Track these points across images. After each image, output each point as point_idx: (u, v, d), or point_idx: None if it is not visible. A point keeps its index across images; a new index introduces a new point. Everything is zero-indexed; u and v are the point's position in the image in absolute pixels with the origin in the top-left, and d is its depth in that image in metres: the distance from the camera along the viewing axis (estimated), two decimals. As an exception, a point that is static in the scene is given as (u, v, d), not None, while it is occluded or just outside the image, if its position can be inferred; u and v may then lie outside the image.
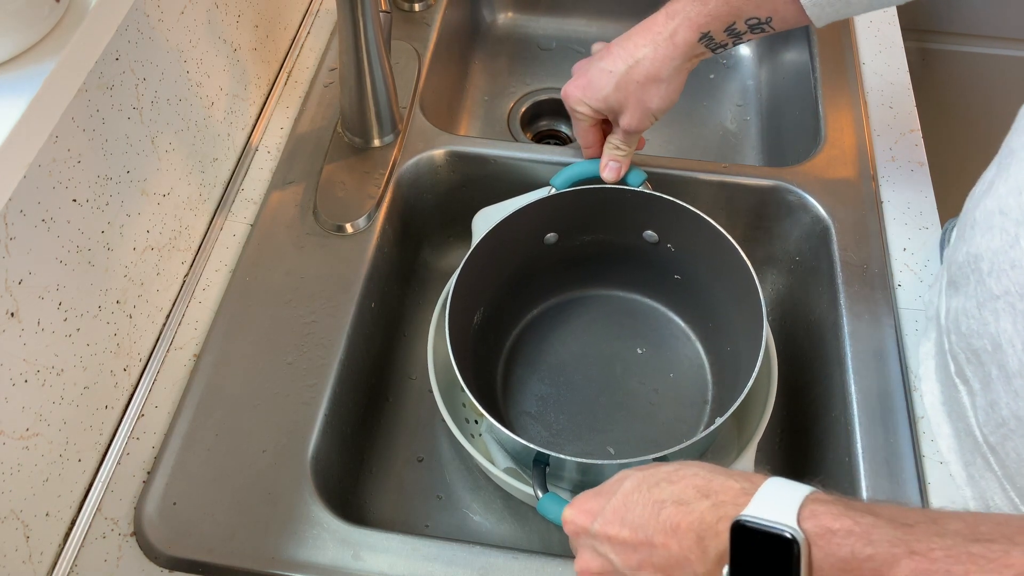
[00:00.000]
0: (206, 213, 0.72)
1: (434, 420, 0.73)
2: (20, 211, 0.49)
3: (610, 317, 0.76)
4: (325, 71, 0.85)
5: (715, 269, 0.67)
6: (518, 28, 1.07)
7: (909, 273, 0.71)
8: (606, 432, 0.69)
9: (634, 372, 0.72)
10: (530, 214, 0.67)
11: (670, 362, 0.73)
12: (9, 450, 0.51)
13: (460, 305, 0.62)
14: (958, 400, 0.57)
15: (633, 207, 0.68)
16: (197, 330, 0.67)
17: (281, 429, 0.61)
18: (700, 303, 0.72)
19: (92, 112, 0.55)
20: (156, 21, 0.61)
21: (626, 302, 0.77)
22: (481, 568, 0.55)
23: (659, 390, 0.71)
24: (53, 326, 0.53)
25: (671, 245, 0.70)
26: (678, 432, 0.69)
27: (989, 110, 1.23)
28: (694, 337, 0.74)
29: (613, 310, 0.76)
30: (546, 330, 0.75)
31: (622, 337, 0.75)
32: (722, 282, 0.66)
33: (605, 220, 0.70)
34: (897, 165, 0.78)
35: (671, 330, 0.75)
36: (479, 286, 0.66)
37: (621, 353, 0.74)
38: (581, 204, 0.68)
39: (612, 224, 0.70)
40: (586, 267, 0.75)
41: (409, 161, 0.77)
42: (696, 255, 0.68)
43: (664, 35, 0.62)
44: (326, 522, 0.57)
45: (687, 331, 0.75)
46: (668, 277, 0.73)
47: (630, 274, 0.75)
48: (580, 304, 0.77)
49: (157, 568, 0.56)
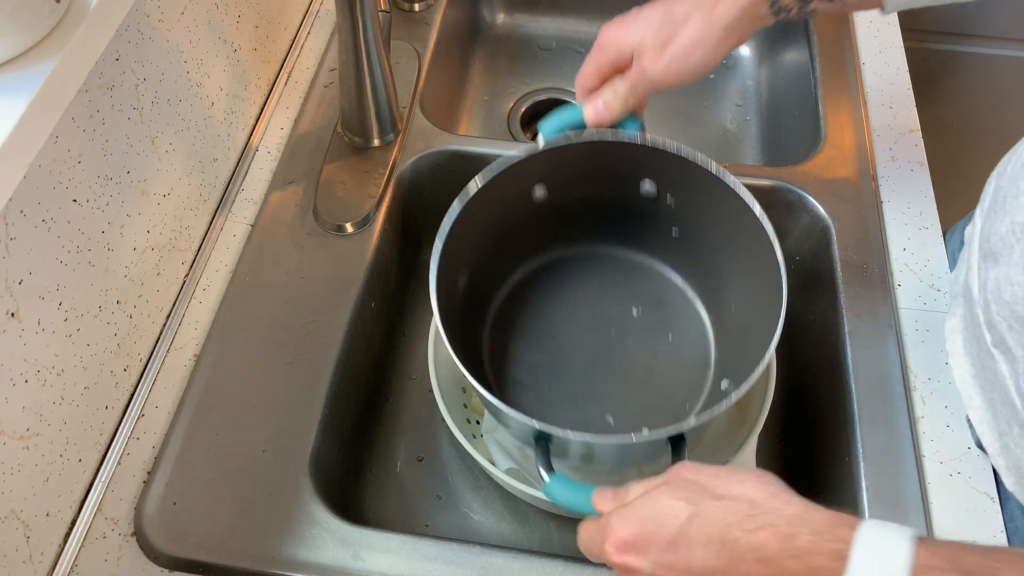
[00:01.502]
0: (206, 213, 0.72)
1: (434, 420, 0.73)
2: (20, 211, 0.49)
3: (603, 277, 0.71)
4: (325, 71, 0.85)
5: (720, 222, 0.62)
6: (518, 28, 1.07)
7: (909, 273, 0.71)
8: (603, 400, 0.65)
9: (630, 335, 0.68)
10: (518, 168, 0.61)
11: (668, 323, 0.68)
12: (9, 450, 0.51)
13: (444, 268, 0.57)
14: (994, 370, 0.57)
15: (629, 158, 0.63)
16: (197, 330, 0.67)
17: (281, 429, 0.61)
18: (701, 260, 0.67)
19: (92, 112, 0.55)
20: (156, 22, 0.61)
21: (620, 261, 0.72)
22: (481, 568, 0.55)
23: (657, 353, 0.67)
24: (53, 326, 0.53)
25: (671, 199, 0.65)
26: (679, 398, 0.65)
27: (989, 110, 1.23)
28: (694, 296, 0.69)
29: (606, 269, 0.71)
30: (536, 293, 0.71)
31: (616, 298, 0.70)
32: (727, 236, 0.62)
33: (599, 173, 0.64)
34: (897, 165, 0.78)
35: (669, 289, 0.70)
36: (464, 248, 0.61)
37: (616, 315, 0.69)
38: (572, 155, 0.62)
39: (606, 177, 0.65)
40: (578, 224, 0.70)
41: (409, 161, 0.77)
42: (698, 208, 0.63)
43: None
44: (326, 522, 0.57)
45: (686, 290, 0.70)
46: (666, 233, 0.68)
47: (625, 231, 0.70)
48: (571, 264, 0.72)
49: (157, 568, 0.56)
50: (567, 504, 0.50)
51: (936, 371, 0.65)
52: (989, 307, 0.58)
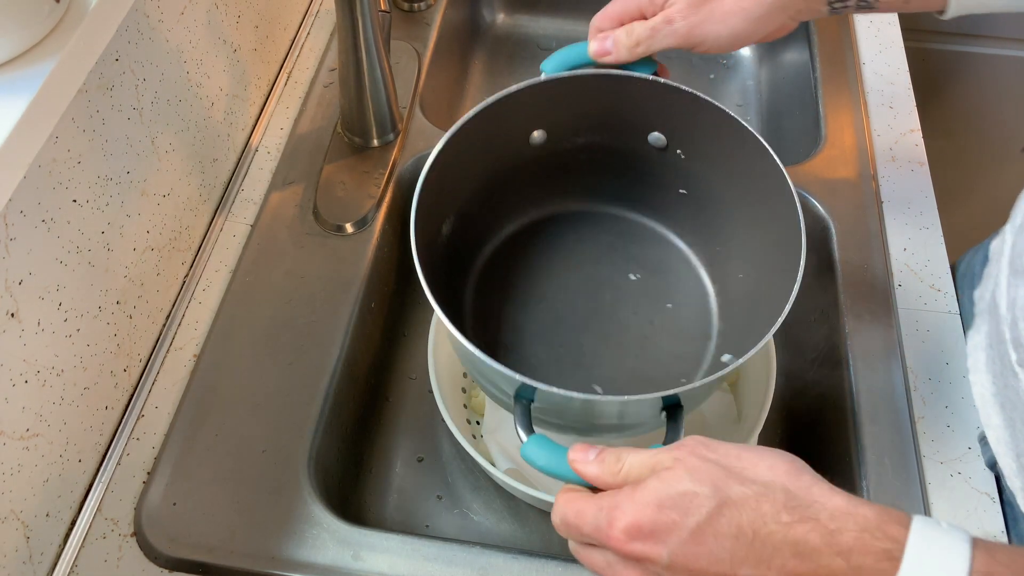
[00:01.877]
0: (206, 213, 0.72)
1: (434, 420, 0.73)
2: (20, 211, 0.49)
3: (600, 237, 0.66)
4: (325, 71, 0.85)
5: (734, 181, 0.57)
6: (518, 28, 1.07)
7: (909, 273, 0.70)
8: (592, 368, 0.60)
9: (626, 301, 0.63)
10: (515, 103, 0.55)
11: (668, 290, 0.63)
12: (9, 450, 0.51)
13: (426, 209, 0.52)
14: (1017, 389, 0.56)
15: (640, 102, 0.57)
16: (197, 330, 0.67)
17: (281, 429, 0.61)
18: (708, 223, 0.62)
19: (92, 112, 0.55)
20: (156, 22, 0.61)
21: (620, 220, 0.66)
22: (481, 568, 0.55)
23: (654, 322, 0.62)
24: (53, 326, 0.53)
25: (681, 151, 0.59)
26: (675, 370, 0.60)
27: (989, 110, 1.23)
28: (697, 262, 0.64)
29: (604, 229, 0.66)
30: (526, 249, 0.65)
31: (613, 260, 0.64)
32: (741, 197, 0.57)
33: (603, 118, 0.59)
34: (897, 165, 0.78)
35: (671, 254, 0.65)
36: (450, 188, 0.55)
37: (612, 278, 0.64)
38: (576, 94, 0.57)
39: (612, 122, 0.59)
40: (576, 177, 0.64)
41: (409, 161, 0.77)
42: (712, 163, 0.58)
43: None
44: (326, 522, 0.57)
45: (690, 255, 0.65)
46: (671, 191, 0.63)
47: (627, 186, 0.64)
48: (566, 221, 0.66)
49: (157, 568, 0.56)
50: (546, 467, 0.44)
51: (936, 371, 0.65)
52: (1017, 324, 0.56)
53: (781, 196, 0.52)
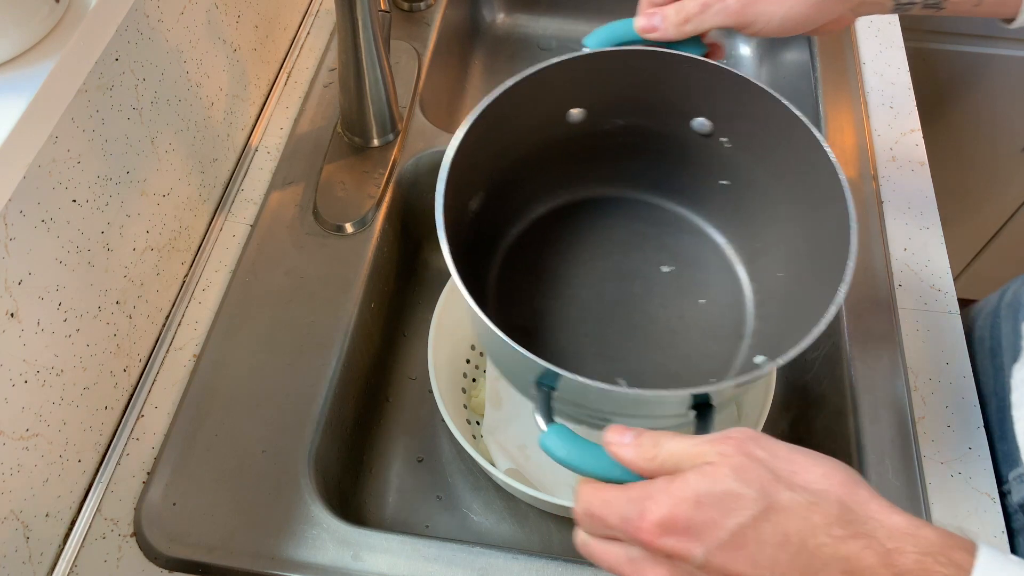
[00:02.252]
0: (206, 213, 0.72)
1: (434, 420, 0.73)
2: (20, 211, 0.49)
3: (632, 224, 0.63)
4: (325, 71, 0.85)
5: (781, 175, 0.55)
6: (518, 28, 1.07)
7: (909, 273, 0.70)
8: (617, 360, 0.58)
9: (656, 293, 0.60)
10: (555, 76, 0.52)
11: (701, 285, 0.61)
12: (9, 451, 0.50)
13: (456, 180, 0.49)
14: None
15: (686, 84, 0.54)
16: (197, 330, 0.67)
17: (281, 429, 0.61)
18: (750, 216, 0.60)
19: (92, 112, 0.55)
20: (156, 21, 0.61)
21: (654, 208, 0.63)
22: (481, 568, 0.55)
23: (684, 317, 0.59)
24: (53, 326, 0.53)
25: (727, 139, 0.56)
26: (704, 368, 0.57)
27: (989, 110, 1.23)
28: (735, 257, 0.62)
29: (637, 216, 0.63)
30: (554, 232, 0.63)
31: (645, 250, 0.62)
32: (787, 192, 0.55)
33: (646, 99, 0.56)
34: (897, 165, 0.78)
35: (706, 246, 0.62)
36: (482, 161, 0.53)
37: (642, 269, 0.61)
38: (619, 72, 0.54)
39: (655, 104, 0.56)
40: (612, 160, 0.61)
41: (409, 161, 0.77)
42: (760, 154, 0.55)
43: None
44: (326, 522, 0.57)
45: (727, 249, 0.62)
46: (712, 181, 0.60)
47: (664, 173, 0.62)
48: (598, 205, 0.64)
49: (157, 568, 0.56)
50: (567, 459, 0.41)
51: (936, 371, 0.65)
52: None
53: (832, 195, 0.50)
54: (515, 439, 0.68)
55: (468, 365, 0.73)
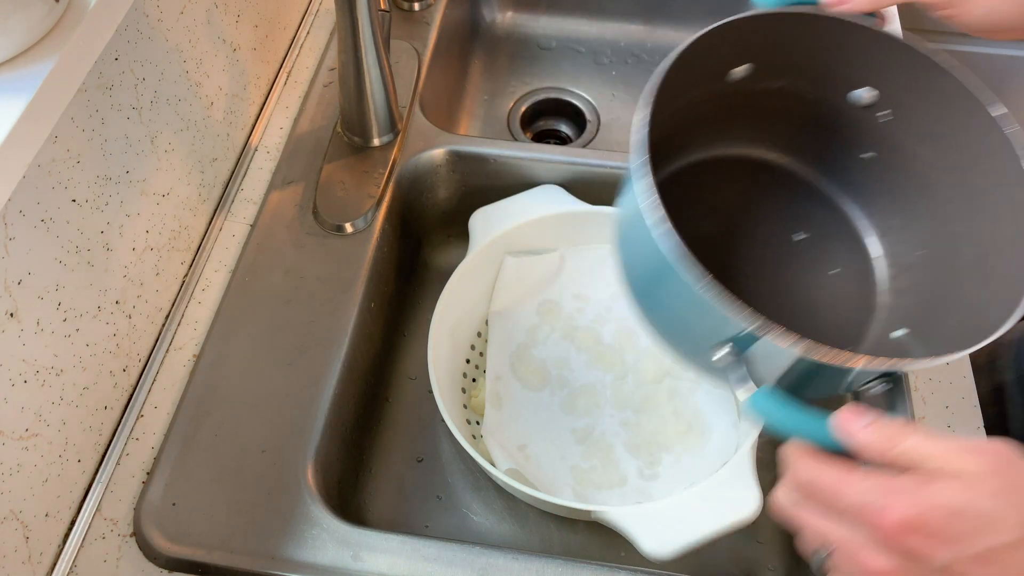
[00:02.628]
0: (205, 213, 0.72)
1: (434, 420, 0.73)
2: (19, 211, 0.49)
3: (767, 189, 0.62)
4: (325, 71, 0.85)
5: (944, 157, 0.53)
6: (518, 28, 1.07)
7: (909, 273, 0.70)
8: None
9: (784, 261, 0.59)
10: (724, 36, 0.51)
11: (833, 256, 0.59)
12: (8, 451, 0.50)
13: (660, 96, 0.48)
14: None
15: (856, 54, 0.53)
16: (197, 330, 0.67)
17: (281, 429, 0.61)
18: (892, 190, 0.58)
19: (91, 112, 0.55)
20: (155, 21, 0.61)
21: (792, 176, 0.62)
22: (481, 568, 0.55)
23: (811, 288, 0.58)
24: (52, 326, 0.53)
25: (888, 112, 0.55)
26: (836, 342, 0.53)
27: None
28: (872, 230, 0.60)
29: (772, 182, 0.62)
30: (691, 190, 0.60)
31: (777, 217, 0.61)
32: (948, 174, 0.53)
33: (810, 63, 0.55)
34: None
35: (842, 218, 0.60)
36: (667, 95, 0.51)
37: (773, 235, 0.60)
38: (786, 34, 0.53)
39: (816, 70, 0.55)
40: (758, 121, 0.60)
41: (409, 161, 0.77)
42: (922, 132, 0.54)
43: None
44: (326, 522, 0.57)
45: (863, 221, 0.60)
46: (854, 153, 0.58)
47: (808, 140, 0.60)
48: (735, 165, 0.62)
49: (157, 568, 0.56)
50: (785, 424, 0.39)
51: (936, 371, 0.65)
52: None
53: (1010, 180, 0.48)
54: (515, 439, 0.68)
55: (468, 365, 0.73)
